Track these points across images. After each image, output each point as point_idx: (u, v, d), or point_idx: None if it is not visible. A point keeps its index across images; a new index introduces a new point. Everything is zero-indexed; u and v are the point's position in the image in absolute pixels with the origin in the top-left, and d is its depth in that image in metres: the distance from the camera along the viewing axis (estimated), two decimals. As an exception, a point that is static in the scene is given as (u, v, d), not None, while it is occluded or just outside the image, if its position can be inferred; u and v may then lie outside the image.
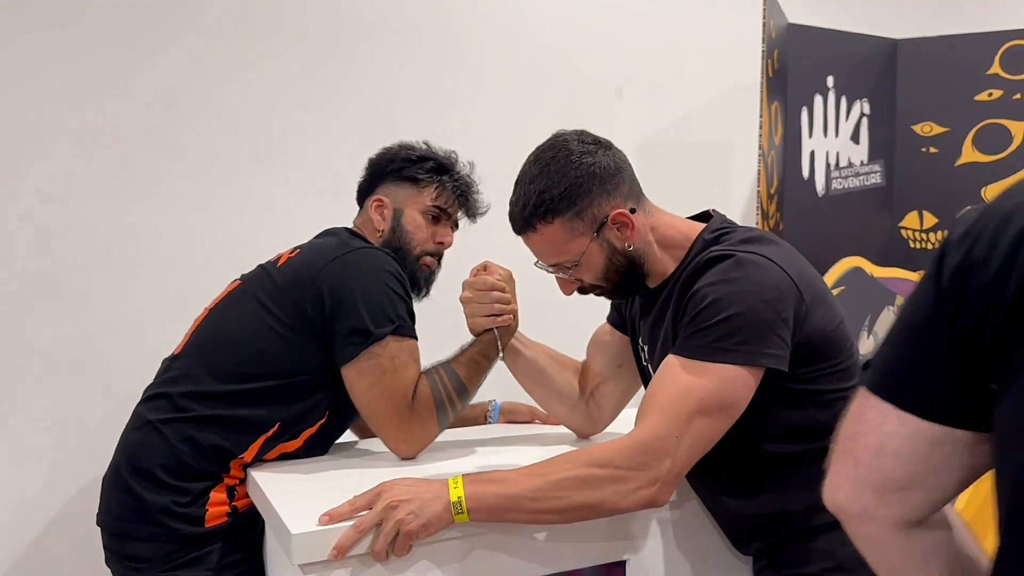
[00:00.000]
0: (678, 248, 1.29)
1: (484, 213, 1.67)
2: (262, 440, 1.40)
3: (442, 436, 1.51)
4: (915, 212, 2.40)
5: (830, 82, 2.31)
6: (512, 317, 1.49)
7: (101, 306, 1.95)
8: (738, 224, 1.31)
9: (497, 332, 1.49)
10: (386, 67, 2.22)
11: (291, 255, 1.52)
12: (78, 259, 1.93)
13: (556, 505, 1.11)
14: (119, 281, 1.97)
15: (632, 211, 1.26)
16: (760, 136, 2.29)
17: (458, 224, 1.67)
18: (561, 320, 1.80)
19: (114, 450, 1.45)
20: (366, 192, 1.65)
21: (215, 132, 2.05)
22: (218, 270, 1.70)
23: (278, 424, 1.41)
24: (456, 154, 1.65)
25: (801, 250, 1.26)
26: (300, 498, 1.22)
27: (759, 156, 2.31)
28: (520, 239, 1.31)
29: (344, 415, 1.50)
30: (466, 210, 1.65)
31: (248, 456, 1.40)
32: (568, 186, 1.22)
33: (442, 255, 1.64)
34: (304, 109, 2.14)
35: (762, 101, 2.25)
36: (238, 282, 1.55)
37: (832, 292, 1.29)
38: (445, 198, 1.61)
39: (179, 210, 2.02)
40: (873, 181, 2.39)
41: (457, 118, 2.27)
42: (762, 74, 2.25)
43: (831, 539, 1.19)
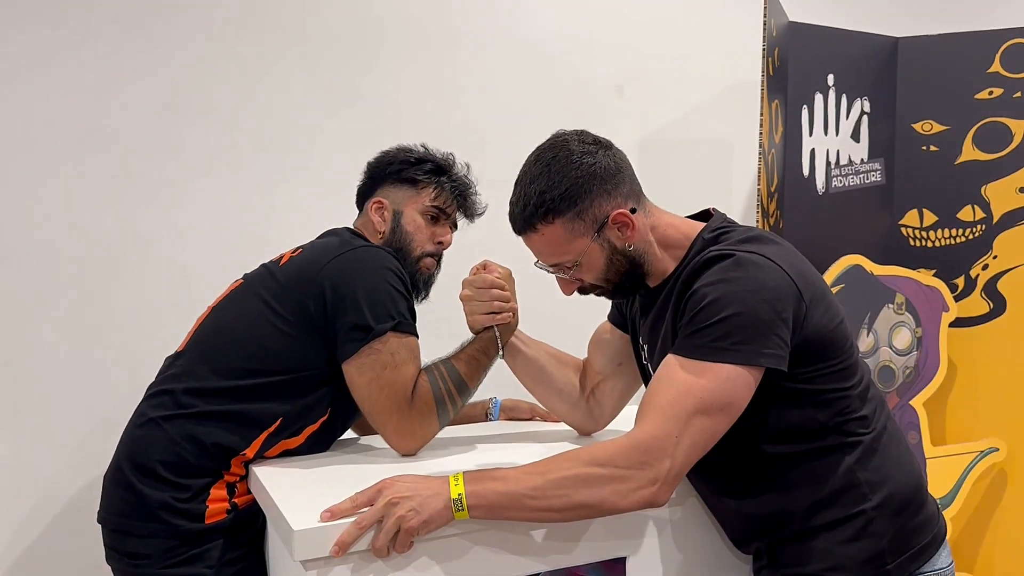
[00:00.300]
0: (678, 248, 1.29)
1: (482, 213, 1.69)
2: (264, 436, 1.41)
3: (443, 433, 1.52)
4: (915, 210, 2.40)
5: (830, 80, 2.31)
6: (511, 315, 1.50)
7: (104, 304, 1.96)
8: (738, 223, 1.32)
9: (497, 330, 1.49)
10: (387, 67, 2.23)
11: (293, 254, 1.53)
12: (81, 258, 1.94)
13: (556, 504, 1.11)
14: (122, 280, 1.97)
15: (633, 211, 1.26)
16: (760, 134, 2.29)
17: (457, 224, 1.68)
18: (562, 319, 1.80)
19: (115, 447, 1.46)
20: (365, 194, 1.66)
21: (218, 132, 2.06)
22: (221, 269, 1.71)
23: (280, 420, 1.42)
24: (453, 155, 1.67)
25: (801, 248, 1.27)
26: (302, 494, 1.23)
27: (759, 154, 2.31)
28: (520, 239, 1.31)
29: (346, 412, 1.50)
30: (464, 210, 1.67)
31: (250, 452, 1.40)
32: (569, 186, 1.23)
33: (441, 257, 1.66)
34: (306, 109, 2.14)
35: (762, 99, 2.26)
36: (241, 281, 1.56)
37: (832, 291, 1.29)
38: (444, 199, 1.62)
39: (182, 209, 2.03)
40: (873, 179, 2.39)
41: (458, 118, 2.28)
42: (762, 72, 2.25)
43: (830, 539, 1.20)
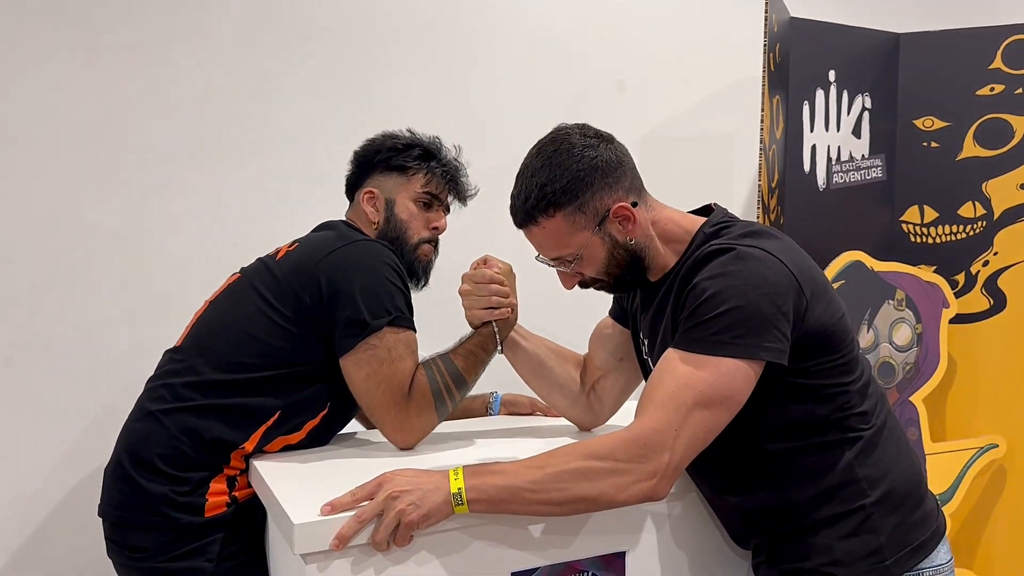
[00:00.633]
0: (679, 242, 1.29)
1: (474, 195, 1.68)
2: (263, 430, 1.41)
3: (443, 427, 1.52)
4: (916, 207, 2.40)
5: (832, 76, 2.31)
6: (510, 310, 1.50)
7: (102, 299, 1.95)
8: (739, 218, 1.32)
9: (495, 326, 1.49)
10: (387, 61, 2.22)
11: (289, 248, 1.52)
12: (78, 253, 1.93)
13: (555, 497, 1.12)
14: (120, 274, 1.97)
15: (634, 205, 1.26)
16: (761, 130, 2.29)
17: (449, 208, 1.67)
18: (563, 314, 1.80)
19: (115, 442, 1.46)
20: (355, 185, 1.65)
21: (215, 126, 2.05)
22: (218, 263, 1.71)
23: (279, 413, 1.42)
24: (440, 139, 1.65)
25: (801, 244, 1.27)
26: (302, 488, 1.23)
27: (760, 150, 2.31)
28: (520, 233, 1.31)
29: (346, 407, 1.50)
30: (456, 193, 1.66)
31: (249, 446, 1.40)
32: (570, 179, 1.23)
33: (438, 243, 1.65)
34: (303, 102, 2.14)
35: (764, 95, 2.25)
36: (238, 275, 1.56)
37: (833, 286, 1.29)
38: (435, 183, 1.61)
39: (179, 203, 2.02)
40: (874, 175, 2.39)
41: (458, 112, 2.27)
42: (764, 68, 2.24)
43: (830, 534, 1.20)
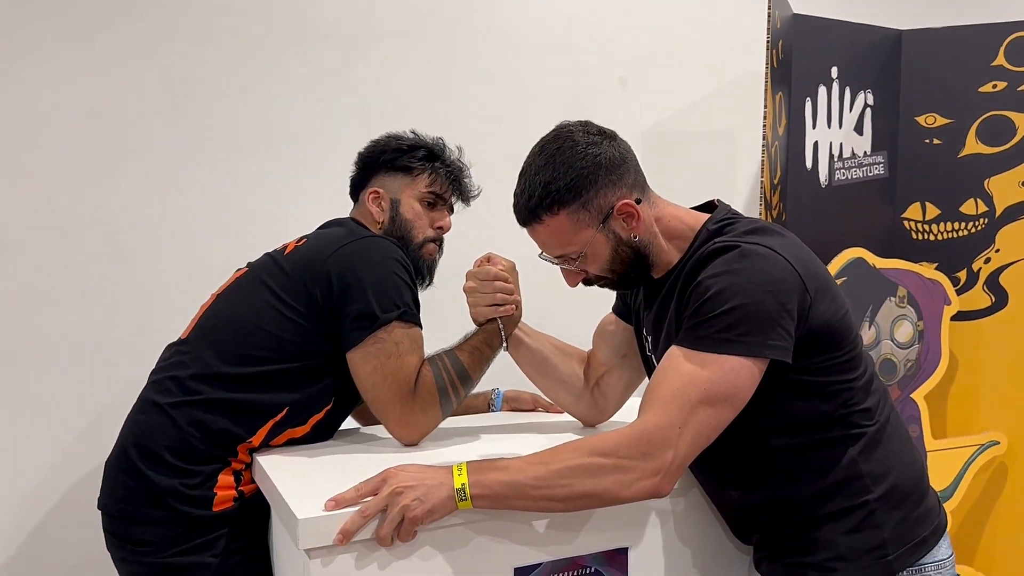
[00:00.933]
0: (682, 239, 1.29)
1: (477, 195, 1.70)
2: (270, 424, 1.41)
3: (446, 423, 1.52)
4: (918, 203, 2.40)
5: (834, 73, 2.30)
6: (515, 307, 1.50)
7: (104, 295, 1.95)
8: (742, 214, 1.32)
9: (500, 322, 1.50)
10: (391, 58, 2.22)
11: (298, 243, 1.53)
12: (82, 245, 1.94)
13: (559, 493, 1.12)
14: (124, 268, 1.97)
15: (637, 201, 1.26)
16: (764, 127, 2.29)
17: (453, 208, 1.68)
18: (566, 311, 1.81)
19: (118, 434, 1.46)
20: (360, 185, 1.67)
21: (222, 121, 2.05)
22: (224, 258, 1.71)
23: (287, 409, 1.42)
24: (443, 139, 1.67)
25: (804, 240, 1.27)
26: (306, 483, 1.23)
27: (763, 146, 2.31)
28: (524, 231, 1.31)
29: (349, 402, 1.51)
30: (459, 193, 1.68)
31: (256, 440, 1.41)
32: (574, 177, 1.23)
33: (443, 241, 1.66)
34: (309, 100, 2.14)
35: (766, 91, 2.25)
36: (245, 269, 1.56)
37: (837, 282, 1.29)
38: (439, 184, 1.63)
39: (184, 197, 2.02)
40: (876, 172, 2.39)
41: (461, 109, 2.27)
42: (766, 64, 2.24)
43: (833, 529, 1.20)
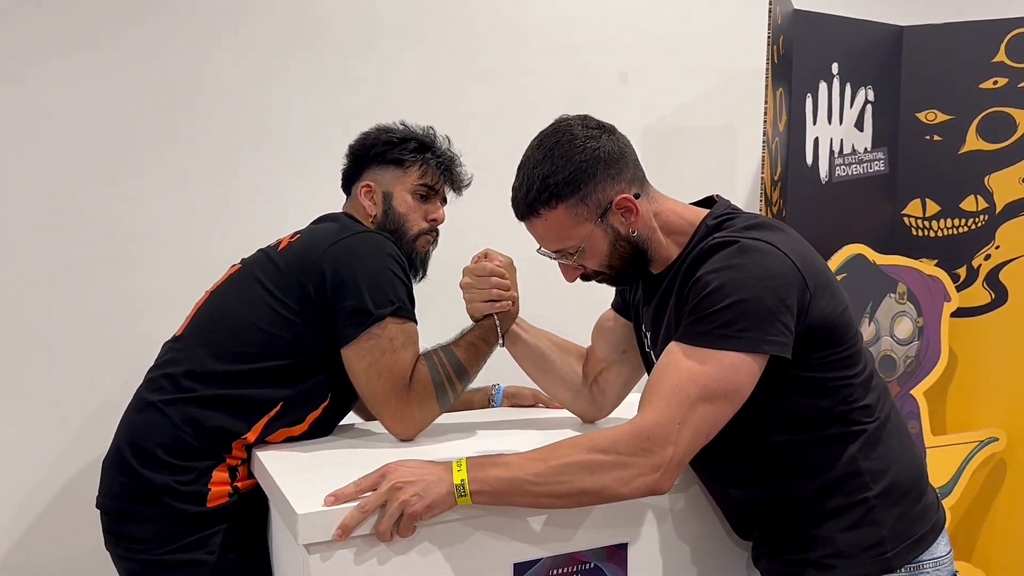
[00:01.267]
0: (681, 234, 1.29)
1: (468, 184, 1.69)
2: (265, 420, 1.41)
3: (446, 419, 1.52)
4: (918, 200, 2.40)
5: (835, 69, 2.30)
6: (511, 303, 1.50)
7: (101, 290, 1.95)
8: (742, 209, 1.31)
9: (497, 318, 1.49)
10: (389, 54, 2.21)
11: (292, 239, 1.53)
12: (78, 242, 1.93)
13: (558, 490, 1.12)
14: (121, 264, 1.97)
15: (636, 196, 1.26)
16: (764, 123, 2.28)
17: (446, 199, 1.68)
18: (566, 307, 1.80)
19: (114, 433, 1.46)
20: (351, 179, 1.66)
21: (216, 118, 2.05)
22: (218, 254, 1.71)
23: (281, 404, 1.42)
24: (434, 130, 1.66)
25: (804, 237, 1.26)
26: (305, 479, 1.23)
27: (763, 143, 2.30)
28: (523, 226, 1.31)
29: (347, 397, 1.51)
30: (452, 184, 1.67)
31: (251, 436, 1.40)
32: (572, 171, 1.22)
33: (438, 234, 1.65)
34: (303, 94, 2.13)
35: (767, 87, 2.25)
36: (239, 265, 1.56)
37: (837, 278, 1.29)
38: (431, 175, 1.62)
39: (179, 194, 2.02)
40: (876, 168, 2.39)
41: (460, 104, 2.27)
42: (767, 60, 2.24)
43: (832, 526, 1.20)
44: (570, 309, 1.76)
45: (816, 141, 2.29)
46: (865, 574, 1.19)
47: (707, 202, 1.35)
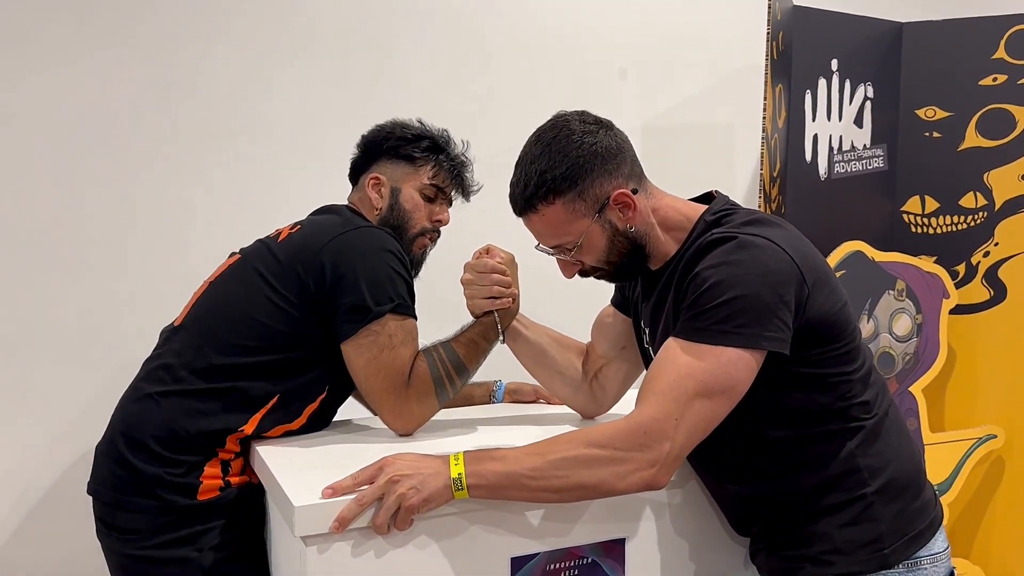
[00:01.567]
0: (680, 230, 1.29)
1: (477, 191, 1.69)
2: (261, 414, 1.41)
3: (446, 414, 1.52)
4: (917, 197, 2.40)
5: (834, 65, 2.30)
6: (512, 300, 1.50)
7: (100, 283, 1.96)
8: (741, 205, 1.31)
9: (497, 315, 1.49)
10: (389, 48, 2.21)
11: (291, 231, 1.52)
12: (76, 233, 1.94)
13: (555, 484, 1.12)
14: (118, 255, 1.97)
15: (634, 192, 1.25)
16: (764, 119, 2.28)
17: (452, 202, 1.67)
18: (565, 303, 1.80)
19: (109, 420, 1.46)
20: (360, 169, 1.65)
21: (215, 110, 2.05)
22: (217, 244, 1.71)
23: (277, 398, 1.42)
24: (448, 132, 1.65)
25: (803, 233, 1.26)
26: (303, 472, 1.24)
27: (762, 139, 2.30)
28: (522, 222, 1.31)
29: (344, 390, 1.51)
30: (461, 189, 1.66)
31: (248, 429, 1.40)
32: (570, 166, 1.22)
33: (439, 234, 1.65)
34: (303, 88, 2.13)
35: (766, 84, 2.25)
36: (237, 256, 1.56)
37: (836, 275, 1.29)
38: (442, 177, 1.62)
39: (177, 185, 2.02)
40: (876, 165, 2.38)
41: (459, 100, 2.27)
42: (766, 56, 2.24)
43: (830, 522, 1.20)
44: (570, 305, 1.77)
45: (815, 138, 2.29)
46: (863, 570, 1.19)
47: (706, 198, 1.35)
